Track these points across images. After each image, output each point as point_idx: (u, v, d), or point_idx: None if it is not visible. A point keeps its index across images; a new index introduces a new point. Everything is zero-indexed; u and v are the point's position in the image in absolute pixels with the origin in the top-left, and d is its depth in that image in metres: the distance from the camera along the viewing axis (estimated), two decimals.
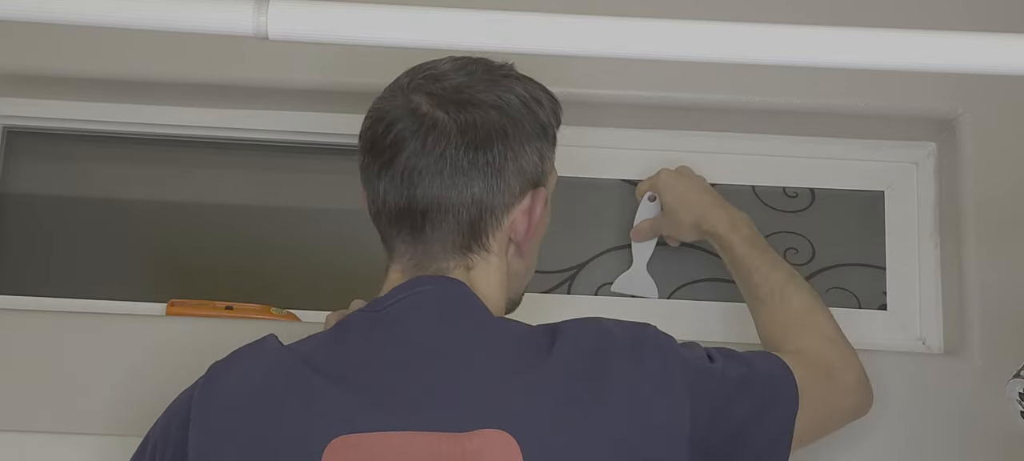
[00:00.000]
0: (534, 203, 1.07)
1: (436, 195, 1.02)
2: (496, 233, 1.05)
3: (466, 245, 1.04)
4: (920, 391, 1.38)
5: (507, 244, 1.07)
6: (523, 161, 1.05)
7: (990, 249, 1.41)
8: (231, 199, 1.64)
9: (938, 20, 1.46)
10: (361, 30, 0.65)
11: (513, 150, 1.04)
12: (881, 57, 0.64)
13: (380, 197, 1.05)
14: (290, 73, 1.48)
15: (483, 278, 1.05)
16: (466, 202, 1.03)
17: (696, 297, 1.51)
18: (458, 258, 1.04)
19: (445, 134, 1.02)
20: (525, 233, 1.07)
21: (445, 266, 1.04)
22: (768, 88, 1.47)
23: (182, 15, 0.66)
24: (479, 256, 1.05)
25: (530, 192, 1.07)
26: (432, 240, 1.04)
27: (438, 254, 1.04)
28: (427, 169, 1.02)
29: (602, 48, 0.67)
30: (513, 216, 1.06)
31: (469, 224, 1.04)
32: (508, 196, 1.05)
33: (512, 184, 1.05)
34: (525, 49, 0.66)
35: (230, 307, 1.45)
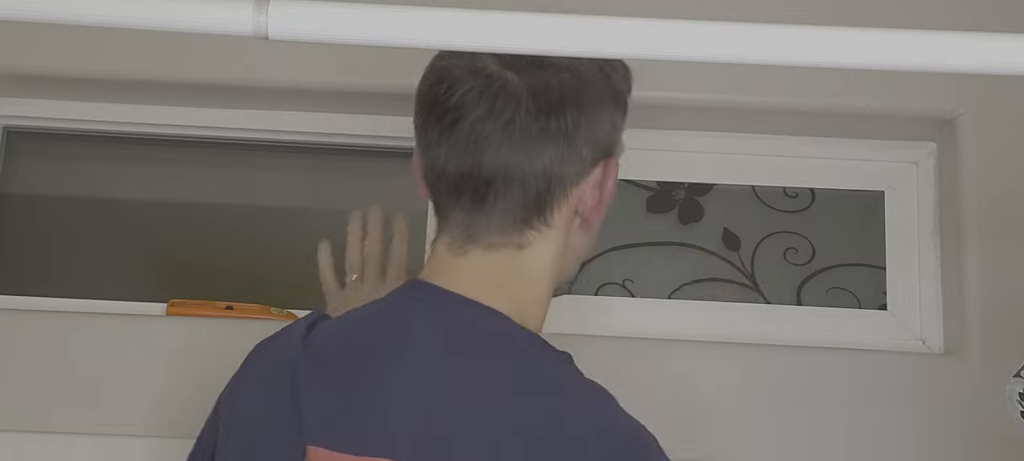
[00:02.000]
0: (606, 174, 0.99)
1: (503, 163, 0.93)
2: (562, 206, 0.97)
3: (528, 219, 0.96)
4: (920, 391, 1.38)
5: (572, 217, 0.98)
6: (596, 129, 0.97)
7: (990, 249, 1.41)
8: (231, 199, 1.64)
9: (938, 20, 1.46)
10: (361, 30, 0.65)
11: (587, 117, 0.96)
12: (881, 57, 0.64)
13: (440, 163, 0.96)
14: (290, 73, 1.48)
15: (534, 257, 0.97)
16: (536, 172, 0.94)
17: (696, 297, 1.51)
18: (514, 233, 0.96)
19: (515, 97, 0.93)
20: (594, 207, 0.99)
21: (497, 241, 0.96)
22: (768, 88, 1.47)
23: (182, 15, 0.66)
24: (538, 232, 0.96)
25: (602, 162, 0.98)
26: (493, 211, 0.95)
27: (495, 227, 0.96)
28: (494, 135, 0.93)
29: (602, 48, 0.67)
30: (582, 188, 0.97)
31: (536, 196, 0.95)
32: (579, 166, 0.96)
33: (584, 154, 0.96)
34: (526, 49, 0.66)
35: (230, 307, 1.45)
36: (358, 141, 1.55)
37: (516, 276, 0.97)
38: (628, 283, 1.52)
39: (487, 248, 0.96)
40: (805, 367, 1.40)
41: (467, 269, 0.96)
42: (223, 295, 1.47)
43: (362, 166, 1.61)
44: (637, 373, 1.39)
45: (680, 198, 1.56)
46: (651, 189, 1.56)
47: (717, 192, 1.56)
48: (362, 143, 1.55)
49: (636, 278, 1.52)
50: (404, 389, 0.90)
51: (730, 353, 1.41)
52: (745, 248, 1.54)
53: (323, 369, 0.95)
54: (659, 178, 1.56)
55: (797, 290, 1.52)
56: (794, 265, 1.53)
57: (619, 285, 1.52)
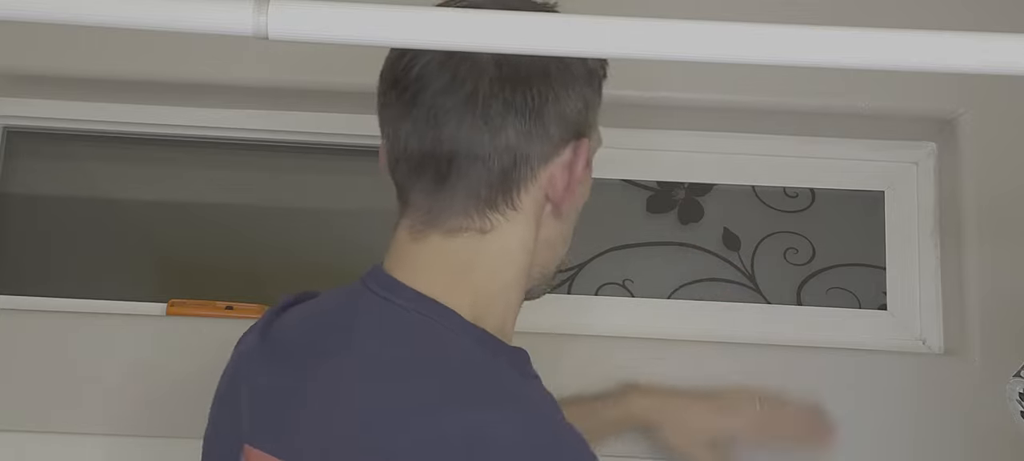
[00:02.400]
0: (576, 156, 0.93)
1: (466, 138, 0.88)
2: (530, 187, 0.91)
3: (492, 200, 0.90)
4: (920, 391, 1.38)
5: (543, 203, 0.92)
6: (566, 106, 0.91)
7: (990, 249, 1.41)
8: (231, 199, 1.64)
9: (938, 20, 1.46)
10: (361, 30, 0.65)
11: (555, 92, 0.90)
12: (881, 57, 0.64)
13: (401, 142, 0.91)
14: (290, 73, 1.48)
15: (498, 243, 0.91)
16: (499, 148, 0.88)
17: (696, 297, 1.51)
18: (477, 216, 0.90)
19: (478, 68, 0.87)
20: (564, 190, 0.92)
21: (458, 225, 0.90)
22: (768, 88, 1.47)
23: (182, 15, 0.66)
24: (503, 215, 0.90)
25: (572, 143, 0.92)
26: (455, 191, 0.89)
27: (458, 209, 0.90)
28: (455, 108, 0.88)
29: (602, 48, 0.67)
30: (551, 169, 0.91)
31: (500, 174, 0.89)
32: (547, 145, 0.90)
33: (552, 132, 0.90)
34: (526, 49, 0.66)
35: (230, 307, 1.45)
36: (358, 141, 1.55)
37: (477, 264, 0.91)
38: (628, 283, 1.52)
39: (447, 233, 0.90)
40: (805, 367, 1.40)
41: (426, 257, 0.91)
42: (223, 295, 1.47)
43: (362, 166, 1.61)
44: (637, 373, 1.39)
45: (680, 198, 1.56)
46: (651, 189, 1.56)
47: (717, 192, 1.56)
48: (362, 143, 1.55)
49: (636, 278, 1.52)
50: (333, 392, 0.86)
51: (730, 353, 1.41)
52: (745, 248, 1.54)
53: (271, 363, 0.92)
54: (659, 178, 1.56)
55: (797, 290, 1.52)
56: (794, 265, 1.53)
57: (619, 285, 1.52)
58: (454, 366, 0.87)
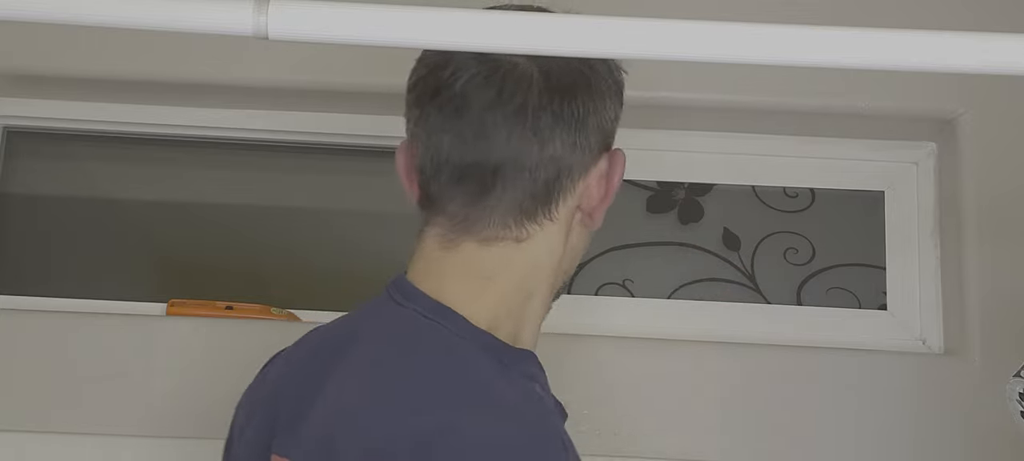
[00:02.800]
0: (613, 167, 0.94)
1: (514, 151, 0.87)
2: (568, 198, 0.91)
3: (532, 211, 0.90)
4: (920, 391, 1.38)
5: (574, 212, 0.93)
6: (603, 117, 0.92)
7: (990, 249, 1.41)
8: (231, 199, 1.64)
9: (938, 20, 1.46)
10: (361, 30, 0.65)
11: (596, 103, 0.91)
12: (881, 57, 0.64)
13: (443, 153, 0.89)
14: (290, 73, 1.48)
15: (532, 252, 0.91)
16: (545, 159, 0.88)
17: (696, 297, 1.51)
18: (515, 227, 0.90)
19: (525, 80, 0.88)
20: (599, 201, 0.93)
21: (494, 234, 0.89)
22: (768, 88, 1.47)
23: (182, 15, 0.66)
24: (540, 226, 0.90)
25: (606, 155, 0.93)
26: (499, 202, 0.89)
27: (496, 221, 0.89)
28: (504, 121, 0.87)
29: (603, 48, 0.67)
30: (588, 181, 0.92)
31: (544, 186, 0.89)
32: (587, 156, 0.91)
33: (592, 142, 0.91)
34: (526, 49, 0.66)
35: (230, 307, 1.45)
36: (358, 141, 1.55)
37: (509, 270, 0.91)
38: (628, 283, 1.52)
39: (482, 242, 0.90)
40: (805, 367, 1.40)
41: (456, 265, 0.90)
42: (223, 295, 1.47)
43: (362, 166, 1.61)
44: (637, 373, 1.39)
45: (680, 198, 1.56)
46: (651, 189, 1.56)
47: (717, 192, 1.56)
48: (362, 143, 1.55)
49: (636, 278, 1.52)
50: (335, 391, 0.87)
51: (730, 353, 1.41)
52: (745, 248, 1.54)
53: (294, 373, 0.93)
54: (659, 178, 1.56)
55: (797, 290, 1.52)
56: (794, 265, 1.53)
57: (619, 285, 1.52)
58: (449, 370, 0.86)
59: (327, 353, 0.91)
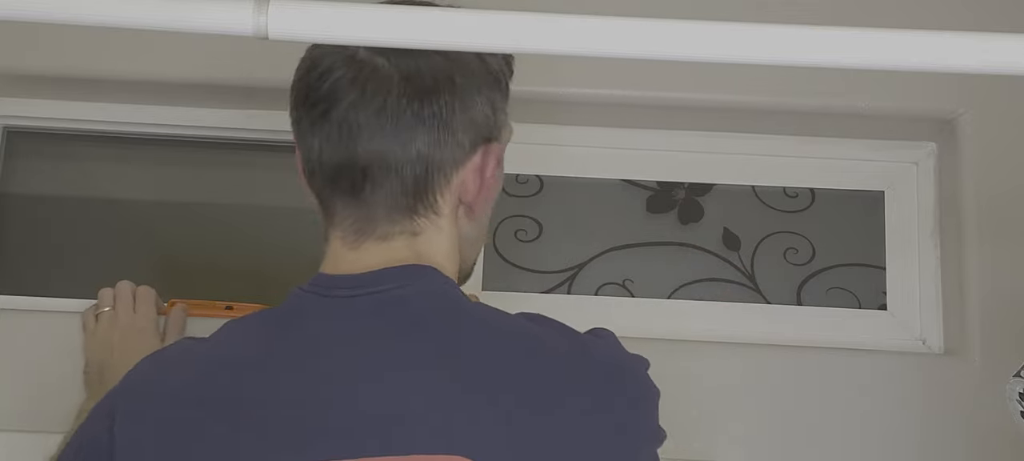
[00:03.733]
0: (486, 160, 0.96)
1: (377, 150, 0.91)
2: (445, 193, 0.95)
3: (411, 207, 0.94)
4: (920, 391, 1.38)
5: (457, 206, 0.96)
6: (473, 113, 0.95)
7: (990, 249, 1.41)
8: (231, 199, 1.64)
9: (938, 20, 1.46)
10: (361, 30, 0.66)
11: (462, 100, 0.94)
12: (881, 57, 0.64)
13: (316, 154, 0.94)
14: (290, 73, 1.47)
15: (431, 245, 0.94)
16: (411, 158, 0.92)
17: (696, 297, 1.51)
18: (404, 222, 0.94)
19: (386, 82, 0.91)
20: (476, 193, 0.96)
21: (388, 231, 0.94)
22: (768, 88, 1.47)
23: (182, 15, 0.66)
24: (427, 219, 0.94)
25: (481, 148, 0.96)
26: (374, 201, 0.93)
27: (382, 217, 0.94)
28: (367, 122, 0.91)
29: (602, 48, 0.67)
30: (463, 174, 0.95)
31: (414, 183, 0.93)
32: (457, 151, 0.94)
33: (461, 138, 0.94)
34: (525, 49, 0.66)
35: (230, 307, 1.45)
36: None
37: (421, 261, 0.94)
38: (628, 283, 1.52)
39: (380, 239, 0.94)
40: (805, 367, 1.40)
41: (367, 261, 0.94)
42: (223, 295, 1.47)
43: None
44: None
45: (680, 198, 1.56)
46: (651, 189, 1.56)
47: (717, 192, 1.56)
48: None
49: (636, 278, 1.52)
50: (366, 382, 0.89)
51: (730, 353, 1.41)
52: (745, 248, 1.54)
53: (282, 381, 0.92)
54: (659, 178, 1.56)
55: (797, 290, 1.52)
56: (794, 265, 1.53)
57: (619, 285, 1.52)
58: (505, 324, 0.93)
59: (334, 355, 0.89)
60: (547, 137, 1.54)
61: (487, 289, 1.48)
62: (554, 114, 1.52)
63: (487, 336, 0.91)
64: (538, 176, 1.55)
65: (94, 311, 1.34)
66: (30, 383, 1.38)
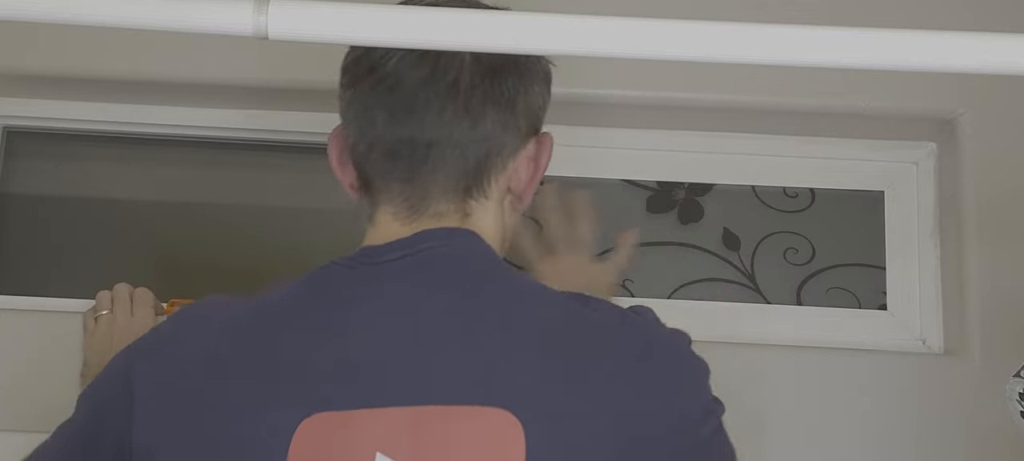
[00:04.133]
0: (540, 149, 0.96)
1: (445, 128, 0.90)
2: (499, 178, 0.94)
3: (467, 188, 0.92)
4: (920, 391, 1.38)
5: (506, 193, 0.95)
6: (532, 101, 0.95)
7: (990, 249, 1.41)
8: (231, 199, 1.64)
9: (938, 20, 1.46)
10: (361, 30, 0.65)
11: (525, 84, 0.93)
12: (881, 57, 0.64)
13: (377, 130, 0.92)
14: (290, 73, 1.48)
15: (482, 228, 0.93)
16: (476, 138, 0.91)
17: (696, 297, 1.51)
18: (457, 202, 0.92)
19: (457, 59, 0.90)
20: (527, 183, 0.96)
21: (442, 210, 0.92)
22: (768, 88, 1.47)
23: (182, 15, 0.66)
24: (478, 202, 0.93)
25: (535, 138, 0.96)
26: (432, 179, 0.91)
27: (436, 196, 0.92)
28: (436, 98, 0.90)
29: (602, 48, 0.67)
30: (518, 161, 0.95)
31: (475, 164, 0.92)
32: (517, 137, 0.93)
33: (521, 124, 0.93)
34: (525, 49, 0.66)
35: None
36: None
37: None
38: (628, 283, 1.52)
39: (434, 216, 0.92)
40: (805, 367, 1.40)
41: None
42: None
43: None
44: None
45: (680, 198, 1.56)
46: (651, 189, 1.56)
47: (717, 192, 1.56)
48: None
49: (636, 278, 1.52)
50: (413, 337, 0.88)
51: (730, 353, 1.41)
52: (745, 248, 1.54)
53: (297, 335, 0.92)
54: (659, 178, 1.56)
55: (797, 290, 1.52)
56: (794, 265, 1.53)
57: (619, 285, 1.52)
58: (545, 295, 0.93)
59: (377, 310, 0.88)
60: None
61: None
62: (554, 114, 1.52)
63: (527, 297, 0.90)
64: None
65: (93, 314, 1.34)
66: (30, 383, 1.38)
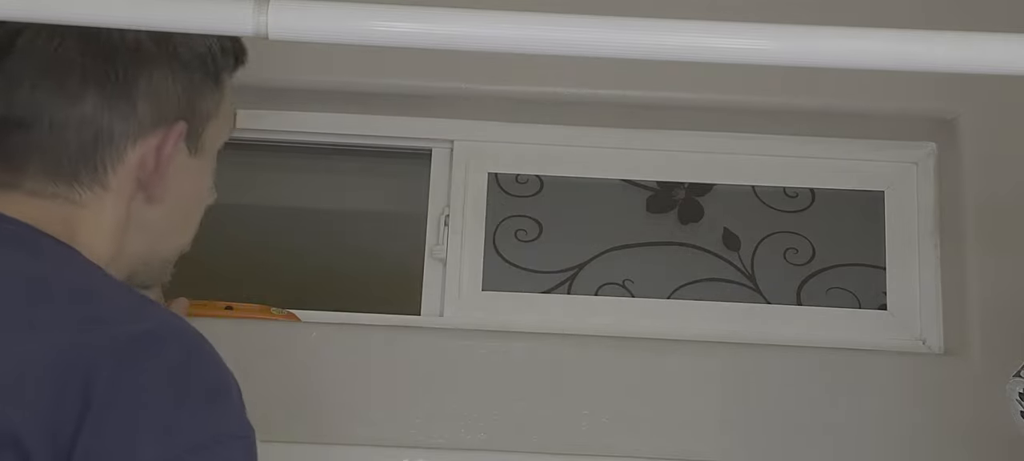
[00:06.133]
0: (166, 138, 0.88)
1: (41, 104, 0.84)
2: (117, 167, 0.86)
3: (75, 173, 0.85)
4: (920, 391, 1.38)
5: (134, 185, 0.88)
6: (161, 87, 0.87)
7: (990, 249, 1.41)
8: (231, 199, 1.64)
9: (938, 20, 1.46)
10: (361, 30, 0.65)
11: (149, 70, 0.87)
12: (881, 57, 0.64)
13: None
14: (290, 73, 1.48)
15: (95, 219, 0.86)
16: (76, 120, 0.84)
17: (696, 297, 1.51)
18: (63, 186, 0.85)
19: (58, 36, 0.84)
20: (152, 173, 0.88)
21: (41, 188, 0.85)
22: (768, 88, 1.47)
23: (182, 15, 0.66)
24: (92, 191, 0.86)
25: (166, 127, 0.88)
26: (28, 159, 0.85)
27: (34, 173, 0.85)
28: (33, 70, 0.84)
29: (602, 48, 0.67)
30: (141, 151, 0.87)
31: (78, 149, 0.85)
32: (134, 125, 0.86)
33: (141, 111, 0.86)
34: (525, 49, 0.66)
35: (230, 307, 1.45)
36: (358, 141, 1.55)
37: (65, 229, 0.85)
38: (628, 283, 1.52)
39: (29, 194, 0.85)
40: (805, 367, 1.40)
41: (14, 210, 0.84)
42: (223, 295, 1.47)
43: (362, 166, 1.61)
44: (637, 373, 1.39)
45: (680, 198, 1.56)
46: (651, 189, 1.56)
47: (717, 192, 1.56)
48: (362, 143, 1.55)
49: (636, 278, 1.52)
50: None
51: (730, 353, 1.41)
52: (745, 248, 1.54)
53: None
54: (659, 178, 1.56)
55: (797, 290, 1.52)
56: (794, 265, 1.53)
57: (619, 285, 1.52)
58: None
59: None
60: (547, 137, 1.54)
61: (487, 289, 1.49)
62: (554, 114, 1.52)
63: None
64: (538, 176, 1.55)
65: None
66: None
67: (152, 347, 0.76)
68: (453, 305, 1.47)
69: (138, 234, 0.90)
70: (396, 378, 1.38)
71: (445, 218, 1.50)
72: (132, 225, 0.89)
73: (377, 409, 1.36)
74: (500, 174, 1.54)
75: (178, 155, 0.90)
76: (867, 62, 0.65)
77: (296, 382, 1.37)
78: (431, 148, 1.55)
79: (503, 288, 1.49)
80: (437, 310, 1.48)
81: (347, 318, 1.46)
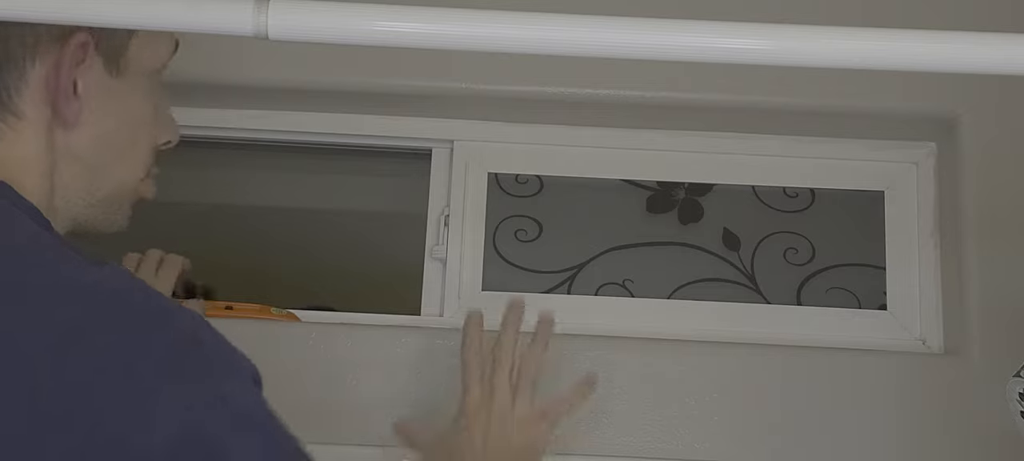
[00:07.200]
0: (63, 52, 0.79)
1: None
2: (22, 90, 0.79)
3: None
4: (920, 391, 1.38)
5: (50, 113, 0.80)
6: None
7: (990, 249, 1.41)
8: (231, 199, 1.64)
9: (938, 20, 1.46)
10: (361, 30, 0.65)
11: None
12: (881, 57, 0.64)
13: None
14: (290, 73, 1.48)
15: (12, 155, 0.79)
16: None
17: (696, 297, 1.51)
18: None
19: None
20: (57, 94, 0.80)
21: None
22: (768, 88, 1.47)
23: (182, 15, 0.66)
24: (5, 124, 0.79)
25: (63, 40, 0.80)
26: None
27: None
28: None
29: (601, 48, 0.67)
30: (43, 69, 0.79)
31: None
32: (31, 37, 0.79)
33: (27, 28, 0.78)
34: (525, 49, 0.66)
35: (230, 307, 1.45)
36: (358, 141, 1.55)
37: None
38: (628, 283, 1.52)
39: None
40: (805, 367, 1.40)
41: None
42: (223, 295, 1.47)
43: (362, 166, 1.61)
44: (637, 373, 1.39)
45: (680, 198, 1.56)
46: (651, 189, 1.56)
47: (717, 192, 1.56)
48: (362, 143, 1.55)
49: (636, 278, 1.52)
50: None
51: (730, 353, 1.41)
52: (745, 248, 1.54)
53: None
54: (659, 178, 1.56)
55: (797, 290, 1.52)
56: (794, 265, 1.53)
57: (619, 285, 1.52)
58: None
59: None
60: (547, 137, 1.54)
61: (487, 289, 1.49)
62: (554, 114, 1.52)
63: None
64: (538, 176, 1.55)
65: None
66: None
67: None
68: (453, 305, 1.47)
69: (69, 168, 0.83)
70: (396, 378, 1.38)
71: (445, 218, 1.50)
72: (59, 157, 0.82)
73: (377, 409, 1.36)
74: (500, 174, 1.54)
75: (92, 74, 0.82)
76: (867, 62, 0.65)
77: (296, 382, 1.37)
78: (431, 148, 1.55)
79: (503, 288, 1.49)
80: (437, 310, 1.48)
81: (347, 318, 1.46)
